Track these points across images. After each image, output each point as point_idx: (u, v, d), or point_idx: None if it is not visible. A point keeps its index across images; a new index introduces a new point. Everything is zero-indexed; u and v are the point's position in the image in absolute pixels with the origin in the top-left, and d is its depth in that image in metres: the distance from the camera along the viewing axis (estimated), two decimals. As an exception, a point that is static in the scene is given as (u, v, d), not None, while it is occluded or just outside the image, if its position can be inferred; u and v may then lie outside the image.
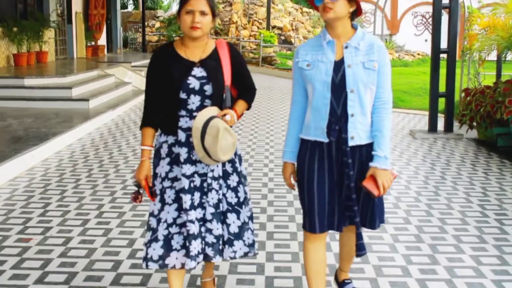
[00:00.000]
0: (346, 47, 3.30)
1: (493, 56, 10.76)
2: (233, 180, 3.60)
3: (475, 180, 7.24)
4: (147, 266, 3.52)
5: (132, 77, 16.89)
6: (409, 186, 6.94)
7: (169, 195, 3.50)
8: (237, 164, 3.64)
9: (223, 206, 3.56)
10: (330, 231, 3.55)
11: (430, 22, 18.66)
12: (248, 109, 3.74)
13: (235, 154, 3.62)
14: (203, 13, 3.38)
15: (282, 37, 28.98)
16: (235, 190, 3.60)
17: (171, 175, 3.50)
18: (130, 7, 40.99)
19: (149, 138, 3.55)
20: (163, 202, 3.51)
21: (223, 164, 3.55)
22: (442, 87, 10.30)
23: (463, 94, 10.03)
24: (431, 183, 7.10)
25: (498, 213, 5.96)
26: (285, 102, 15.13)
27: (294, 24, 30.75)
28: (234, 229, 3.58)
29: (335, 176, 3.37)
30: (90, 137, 9.63)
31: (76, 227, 5.40)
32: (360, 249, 3.47)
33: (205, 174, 3.49)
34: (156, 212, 3.53)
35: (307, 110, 3.46)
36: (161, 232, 3.49)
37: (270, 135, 10.25)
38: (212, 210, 3.49)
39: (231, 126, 3.44)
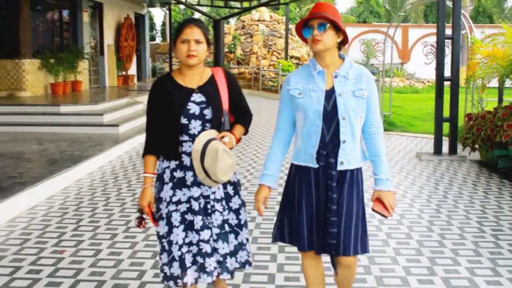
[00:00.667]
0: (336, 76, 3.27)
1: (495, 83, 10.84)
2: (235, 202, 3.57)
3: (475, 198, 7.29)
4: (169, 285, 3.53)
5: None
6: (413, 204, 7.01)
7: (176, 218, 3.45)
8: (238, 187, 3.61)
9: (227, 228, 3.53)
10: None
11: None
12: (245, 133, 3.69)
13: (235, 177, 3.60)
14: (198, 42, 3.38)
15: (300, 66, 29.13)
16: (236, 212, 3.57)
17: (174, 199, 3.46)
18: (158, 39, 41.48)
19: (151, 166, 3.55)
20: (170, 225, 3.47)
21: (225, 187, 3.52)
22: (446, 113, 10.35)
23: (466, 119, 10.08)
24: (434, 201, 7.16)
25: (494, 229, 6.02)
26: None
27: (310, 54, 30.83)
28: (230, 248, 3.55)
29: (320, 198, 3.32)
30: (119, 160, 9.82)
31: (106, 241, 5.54)
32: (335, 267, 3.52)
33: (208, 196, 3.46)
34: (165, 235, 3.50)
35: (297, 136, 3.40)
36: (176, 253, 3.45)
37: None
38: (217, 230, 3.45)
39: (230, 149, 3.42)
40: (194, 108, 3.41)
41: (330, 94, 3.25)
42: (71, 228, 5.96)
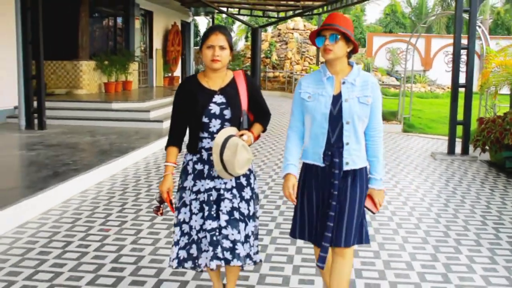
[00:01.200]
0: (344, 82, 3.23)
1: (508, 90, 10.76)
2: (247, 193, 3.49)
3: (482, 195, 7.30)
4: (182, 266, 3.49)
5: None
6: (424, 198, 7.06)
7: (195, 205, 3.45)
8: (252, 180, 3.55)
9: (237, 215, 3.45)
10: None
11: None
12: (263, 131, 3.68)
13: (250, 171, 3.55)
14: (222, 48, 3.36)
15: (365, 71, 29.08)
16: (248, 202, 3.49)
17: (195, 188, 3.47)
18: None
19: (173, 156, 3.54)
20: (191, 211, 3.47)
21: (237, 178, 3.45)
22: (460, 116, 10.30)
23: (478, 122, 10.03)
24: (443, 196, 7.20)
25: (496, 222, 6.05)
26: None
27: (340, 61, 30.84)
28: (242, 235, 3.47)
29: (321, 194, 3.29)
30: (162, 152, 9.93)
31: (146, 222, 5.71)
32: (320, 261, 3.34)
33: (219, 189, 3.43)
34: (187, 220, 3.49)
35: (305, 136, 3.38)
36: (194, 236, 3.46)
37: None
38: (226, 217, 3.39)
39: (248, 145, 3.41)
40: (215, 109, 3.41)
41: (337, 99, 3.22)
42: (116, 210, 6.16)
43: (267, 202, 6.63)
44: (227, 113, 3.41)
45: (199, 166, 3.48)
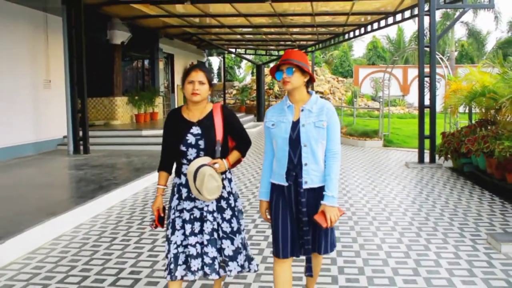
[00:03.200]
0: (302, 110, 3.11)
1: (467, 109, 11.14)
2: (227, 214, 3.34)
3: (443, 194, 7.66)
4: (166, 277, 3.33)
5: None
6: (396, 198, 7.44)
7: (178, 223, 3.33)
8: (231, 201, 3.38)
9: (219, 234, 3.32)
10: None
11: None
12: (242, 157, 3.48)
13: (231, 193, 3.40)
14: (201, 83, 3.24)
15: (323, 99, 29.30)
16: (229, 221, 3.34)
17: (179, 207, 3.34)
18: (215, 80, 42.16)
19: (163, 179, 3.42)
20: (173, 228, 3.33)
21: (218, 201, 3.33)
22: (427, 131, 10.62)
23: (441, 136, 10.40)
24: (411, 195, 7.58)
25: (451, 213, 6.40)
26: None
27: (331, 89, 30.94)
28: (228, 252, 3.33)
29: (293, 212, 3.13)
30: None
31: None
32: (308, 271, 3.27)
33: (202, 208, 3.31)
34: (170, 236, 3.34)
35: (274, 159, 3.23)
36: (172, 251, 3.30)
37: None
38: (207, 237, 3.26)
39: (224, 172, 3.31)
40: (191, 139, 3.28)
41: (295, 125, 3.09)
42: (149, 214, 6.54)
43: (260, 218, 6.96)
44: (201, 143, 3.27)
45: (182, 188, 3.35)
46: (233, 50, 26.51)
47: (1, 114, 10.80)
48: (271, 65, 36.14)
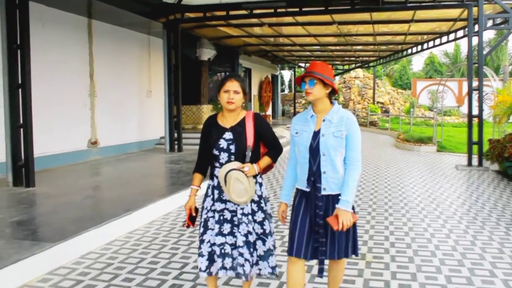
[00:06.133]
0: (324, 120, 2.93)
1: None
2: (259, 216, 3.18)
3: (488, 193, 7.70)
4: (201, 274, 3.17)
5: (287, 133, 17.14)
6: (447, 198, 7.41)
7: (212, 222, 3.18)
8: (262, 204, 3.21)
9: (253, 236, 3.14)
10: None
11: (484, 97, 18.42)
12: (273, 163, 3.28)
13: (261, 196, 3.22)
14: (236, 92, 3.11)
15: (383, 109, 28.74)
16: (260, 223, 3.18)
17: (212, 208, 3.20)
18: (286, 91, 42.61)
19: (197, 181, 3.28)
20: (206, 227, 3.17)
21: (251, 204, 3.16)
22: (476, 138, 10.58)
23: (489, 142, 10.45)
24: (462, 196, 7.52)
25: (499, 214, 6.25)
26: (381, 147, 15.45)
27: (391, 100, 30.56)
28: (260, 252, 3.18)
29: (309, 214, 2.97)
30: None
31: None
32: (320, 272, 3.08)
33: (234, 211, 3.15)
34: (202, 235, 3.19)
35: (297, 165, 3.05)
36: (206, 249, 3.15)
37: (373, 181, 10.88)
38: (243, 238, 3.10)
39: (255, 176, 3.14)
40: (223, 143, 3.13)
41: (316, 134, 2.93)
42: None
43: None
44: (233, 147, 3.12)
45: (214, 190, 3.23)
46: (302, 64, 26.96)
47: (115, 118, 11.88)
48: (337, 78, 36.34)
